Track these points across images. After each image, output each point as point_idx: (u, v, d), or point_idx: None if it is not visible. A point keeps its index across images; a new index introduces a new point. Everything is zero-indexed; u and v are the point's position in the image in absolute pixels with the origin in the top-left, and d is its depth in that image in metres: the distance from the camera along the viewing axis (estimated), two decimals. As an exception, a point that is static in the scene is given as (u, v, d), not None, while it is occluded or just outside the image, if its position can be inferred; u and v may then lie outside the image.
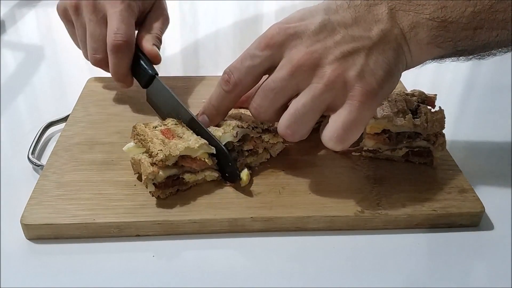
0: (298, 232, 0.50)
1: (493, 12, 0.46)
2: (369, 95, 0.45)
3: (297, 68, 0.46)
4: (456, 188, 0.53)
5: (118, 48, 0.61)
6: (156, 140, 0.51)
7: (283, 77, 0.46)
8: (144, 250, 0.47)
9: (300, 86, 0.46)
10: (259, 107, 0.49)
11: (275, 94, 0.47)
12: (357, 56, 0.45)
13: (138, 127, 0.53)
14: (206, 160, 0.51)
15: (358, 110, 0.45)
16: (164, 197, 0.50)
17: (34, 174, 0.57)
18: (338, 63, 0.45)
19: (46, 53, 0.89)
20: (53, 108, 0.71)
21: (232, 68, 0.50)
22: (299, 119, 0.47)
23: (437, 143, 0.54)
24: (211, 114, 0.53)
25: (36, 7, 1.06)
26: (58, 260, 0.46)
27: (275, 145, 0.56)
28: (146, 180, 0.49)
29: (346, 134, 0.46)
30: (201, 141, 0.51)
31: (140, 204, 0.50)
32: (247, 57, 0.49)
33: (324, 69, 0.45)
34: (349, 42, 0.46)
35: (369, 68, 0.45)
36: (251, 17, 1.07)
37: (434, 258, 0.48)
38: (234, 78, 0.49)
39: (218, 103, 0.52)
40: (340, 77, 0.45)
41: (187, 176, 0.51)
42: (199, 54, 0.89)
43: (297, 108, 0.46)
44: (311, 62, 0.46)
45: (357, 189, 0.53)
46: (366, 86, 0.45)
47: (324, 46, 0.46)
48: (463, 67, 0.84)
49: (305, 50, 0.46)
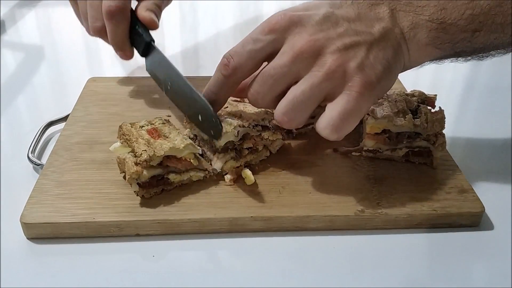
0: (298, 232, 0.50)
1: (492, 16, 0.46)
2: (367, 86, 0.45)
3: (299, 55, 0.46)
4: (456, 188, 0.53)
5: (112, 14, 0.62)
6: (141, 140, 0.51)
7: (283, 63, 0.46)
8: (144, 250, 0.47)
9: (300, 73, 0.46)
10: (256, 93, 0.48)
11: (274, 81, 0.47)
12: (358, 49, 0.46)
13: (124, 126, 0.54)
14: (192, 160, 0.51)
15: (356, 100, 0.45)
16: (148, 197, 0.50)
17: (34, 173, 0.57)
18: (340, 54, 0.46)
19: (46, 53, 0.89)
20: (53, 108, 0.71)
21: (232, 52, 0.49)
22: (297, 106, 0.47)
23: (437, 143, 0.54)
24: (210, 99, 0.52)
25: (36, 7, 1.06)
26: (58, 259, 0.46)
27: (275, 142, 0.57)
28: (129, 179, 0.49)
29: (342, 123, 0.46)
30: (186, 141, 0.51)
31: (140, 203, 0.50)
32: (249, 41, 0.48)
33: (325, 58, 0.46)
34: (351, 35, 0.46)
35: (369, 62, 0.46)
36: (251, 17, 1.07)
37: (434, 258, 0.48)
38: (234, 62, 0.48)
39: (217, 89, 0.51)
40: (341, 67, 0.45)
41: (172, 176, 0.51)
42: (199, 54, 0.89)
43: (295, 95, 0.46)
44: (312, 50, 0.46)
45: (357, 189, 0.53)
46: (365, 77, 0.45)
47: (327, 36, 0.46)
48: (463, 67, 0.84)
49: (307, 38, 0.46)
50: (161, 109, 0.66)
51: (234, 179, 0.53)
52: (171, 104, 0.67)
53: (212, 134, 0.52)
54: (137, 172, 0.48)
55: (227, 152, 0.54)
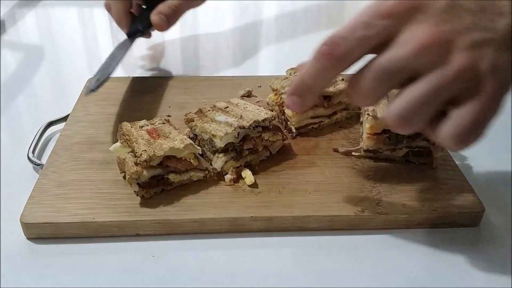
0: (298, 232, 0.50)
1: None
2: (501, 93, 0.40)
3: (423, 48, 0.39)
4: (456, 188, 0.53)
5: None
6: (141, 140, 0.51)
7: (403, 56, 0.39)
8: (144, 250, 0.47)
9: (421, 69, 0.39)
10: (363, 89, 0.41)
11: (388, 76, 0.40)
12: (487, 48, 0.39)
13: (124, 126, 0.54)
14: (192, 160, 0.51)
15: (490, 108, 0.40)
16: (148, 197, 0.50)
17: (34, 173, 0.57)
18: (471, 52, 0.39)
19: (46, 53, 0.89)
20: (53, 108, 0.71)
21: (337, 39, 0.40)
22: (416, 109, 0.40)
23: (437, 143, 0.54)
24: (303, 94, 0.44)
25: (36, 7, 1.06)
26: (58, 259, 0.46)
27: (275, 142, 0.57)
28: (129, 179, 0.49)
29: (472, 133, 0.40)
30: (186, 141, 0.51)
31: (140, 203, 0.50)
32: (360, 26, 0.40)
33: (455, 55, 0.39)
34: (479, 31, 0.40)
35: (501, 63, 0.40)
36: (251, 18, 1.07)
37: (434, 258, 0.48)
38: (340, 51, 0.40)
39: (314, 81, 0.43)
40: (473, 68, 0.39)
41: (171, 176, 0.51)
42: (199, 54, 0.89)
43: (415, 96, 0.39)
44: (440, 43, 0.39)
45: (357, 189, 0.53)
46: (499, 82, 0.39)
47: (454, 28, 0.39)
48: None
49: (433, 29, 0.39)
50: (161, 109, 0.66)
51: (234, 179, 0.53)
52: (171, 104, 0.68)
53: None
54: (137, 172, 0.48)
55: (227, 153, 0.54)
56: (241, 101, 0.59)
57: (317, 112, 0.61)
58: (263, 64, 0.89)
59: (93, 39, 0.95)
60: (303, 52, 0.70)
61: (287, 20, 1.07)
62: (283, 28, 1.03)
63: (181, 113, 0.58)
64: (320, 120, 0.62)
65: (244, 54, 0.92)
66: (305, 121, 0.61)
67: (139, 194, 0.50)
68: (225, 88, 0.71)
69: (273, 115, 0.56)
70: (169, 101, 0.68)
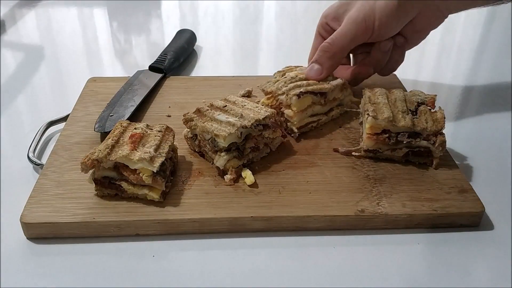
0: (298, 231, 0.50)
1: None
2: None
3: None
4: (456, 188, 0.53)
5: None
6: (111, 141, 0.50)
7: None
8: (144, 250, 0.47)
9: None
10: None
11: None
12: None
13: (119, 125, 0.54)
14: (144, 176, 0.49)
15: None
16: (101, 195, 0.50)
17: (34, 173, 0.57)
18: None
19: (46, 53, 0.89)
20: (53, 108, 0.71)
21: None
22: None
23: (437, 143, 0.54)
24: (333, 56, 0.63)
25: (36, 7, 1.06)
26: (58, 259, 0.46)
27: (274, 139, 0.57)
28: (81, 167, 0.49)
29: None
30: (145, 155, 0.48)
31: (140, 203, 0.50)
32: None
33: None
34: None
35: None
36: (251, 17, 1.07)
37: (434, 258, 0.48)
38: None
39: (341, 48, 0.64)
40: None
41: (124, 185, 0.50)
42: (200, 54, 0.89)
43: None
44: None
45: (357, 189, 0.53)
46: None
47: None
48: (463, 67, 0.84)
49: None
50: (161, 109, 0.66)
51: (234, 179, 0.53)
52: (171, 104, 0.67)
53: None
54: (85, 162, 0.49)
55: (230, 152, 0.54)
56: (238, 98, 0.59)
57: (315, 109, 0.62)
58: (263, 64, 0.89)
59: (93, 39, 0.95)
60: (303, 52, 0.71)
61: (287, 20, 1.07)
62: (283, 28, 1.03)
63: (181, 113, 0.58)
64: (318, 118, 0.62)
65: (244, 54, 0.92)
66: (305, 120, 0.61)
67: (95, 189, 0.50)
68: (225, 88, 0.71)
69: (272, 112, 0.56)
70: (169, 101, 0.68)
